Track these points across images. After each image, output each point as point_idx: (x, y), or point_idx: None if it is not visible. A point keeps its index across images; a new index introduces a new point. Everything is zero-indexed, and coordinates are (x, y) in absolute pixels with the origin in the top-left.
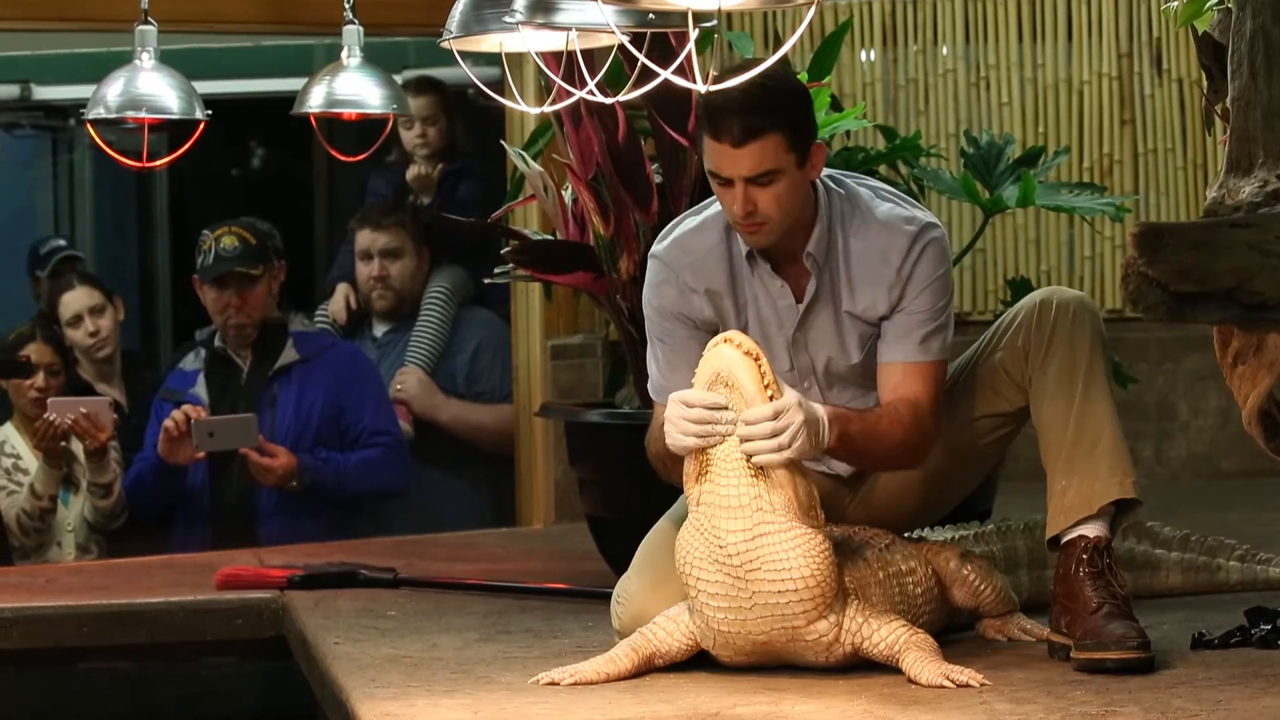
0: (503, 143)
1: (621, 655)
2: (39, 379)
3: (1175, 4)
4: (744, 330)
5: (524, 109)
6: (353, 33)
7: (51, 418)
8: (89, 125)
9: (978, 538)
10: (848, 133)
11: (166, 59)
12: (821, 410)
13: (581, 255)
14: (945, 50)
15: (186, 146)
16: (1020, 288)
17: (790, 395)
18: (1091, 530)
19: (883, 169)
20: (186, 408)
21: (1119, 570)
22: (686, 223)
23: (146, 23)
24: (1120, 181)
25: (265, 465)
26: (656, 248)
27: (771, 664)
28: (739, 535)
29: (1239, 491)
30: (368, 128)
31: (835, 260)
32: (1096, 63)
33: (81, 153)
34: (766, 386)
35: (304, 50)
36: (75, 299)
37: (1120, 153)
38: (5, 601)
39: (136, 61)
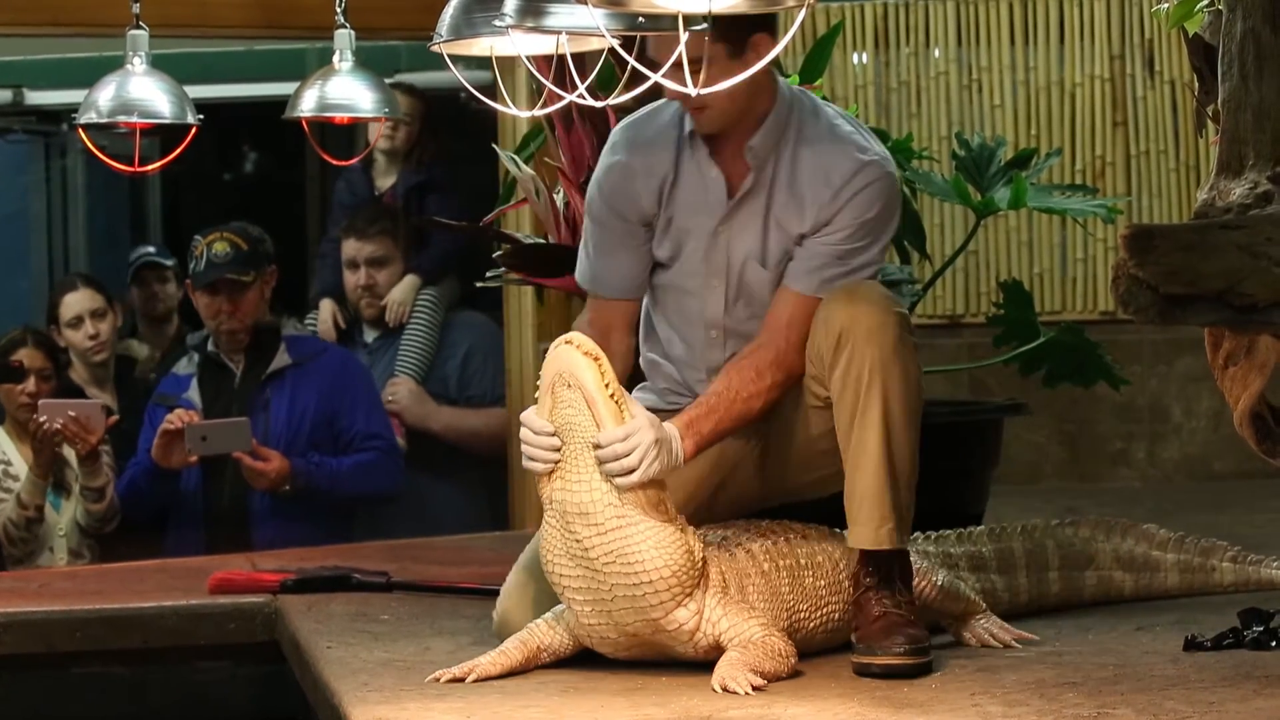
0: (494, 146)
1: (511, 649)
2: (30, 384)
3: (1166, 6)
4: (670, 210)
5: (515, 112)
6: (344, 37)
7: (41, 420)
8: (81, 130)
9: (964, 539)
10: None
11: (158, 63)
12: (673, 426)
13: (574, 259)
14: (937, 52)
15: (178, 151)
16: (1012, 290)
17: (640, 417)
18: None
19: None
20: (180, 411)
21: (906, 576)
22: (649, 105)
23: (138, 27)
24: (1112, 183)
25: (258, 469)
26: (615, 129)
27: (650, 657)
28: (591, 532)
29: (1232, 493)
30: (360, 131)
31: (780, 163)
32: (1088, 65)
33: (74, 158)
34: (608, 385)
35: (296, 54)
36: (77, 300)
37: (1112, 155)
38: None
39: (128, 66)
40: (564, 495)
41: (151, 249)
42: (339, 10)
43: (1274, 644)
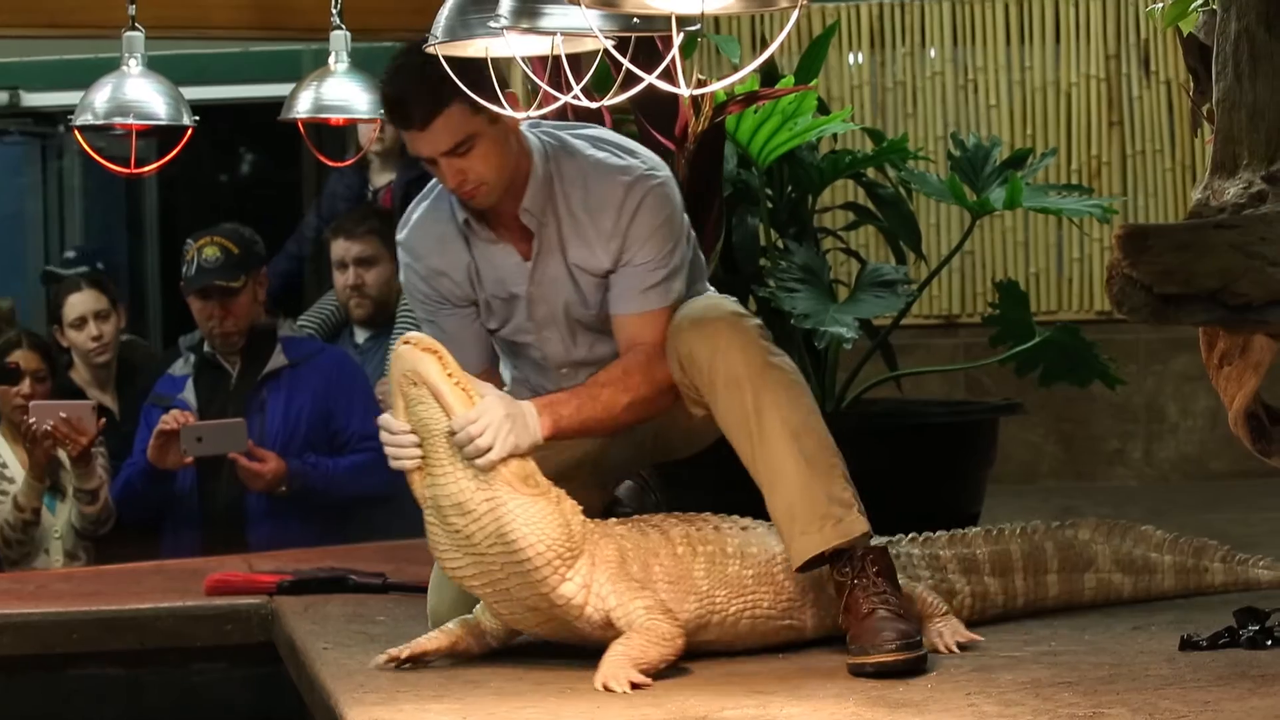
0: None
1: (452, 628)
2: (25, 385)
3: (1160, 6)
4: (483, 293)
5: (510, 114)
6: (340, 38)
7: (32, 421)
8: (77, 132)
9: (956, 540)
10: (835, 135)
11: (154, 65)
12: (529, 404)
13: None
14: (933, 53)
15: (174, 152)
16: (1008, 290)
17: (489, 397)
18: (843, 548)
19: (870, 172)
20: (175, 412)
21: (886, 569)
22: (421, 206)
23: (134, 29)
24: (1108, 183)
25: (254, 470)
26: (400, 235)
27: (563, 637)
28: (466, 520)
29: (1228, 492)
30: (356, 133)
31: (558, 213)
32: (1084, 65)
33: (70, 159)
34: (450, 374)
35: (291, 56)
36: (82, 301)
37: (1108, 154)
38: None
39: (124, 68)
40: (434, 490)
41: (72, 253)
42: (334, 12)
43: (1269, 643)
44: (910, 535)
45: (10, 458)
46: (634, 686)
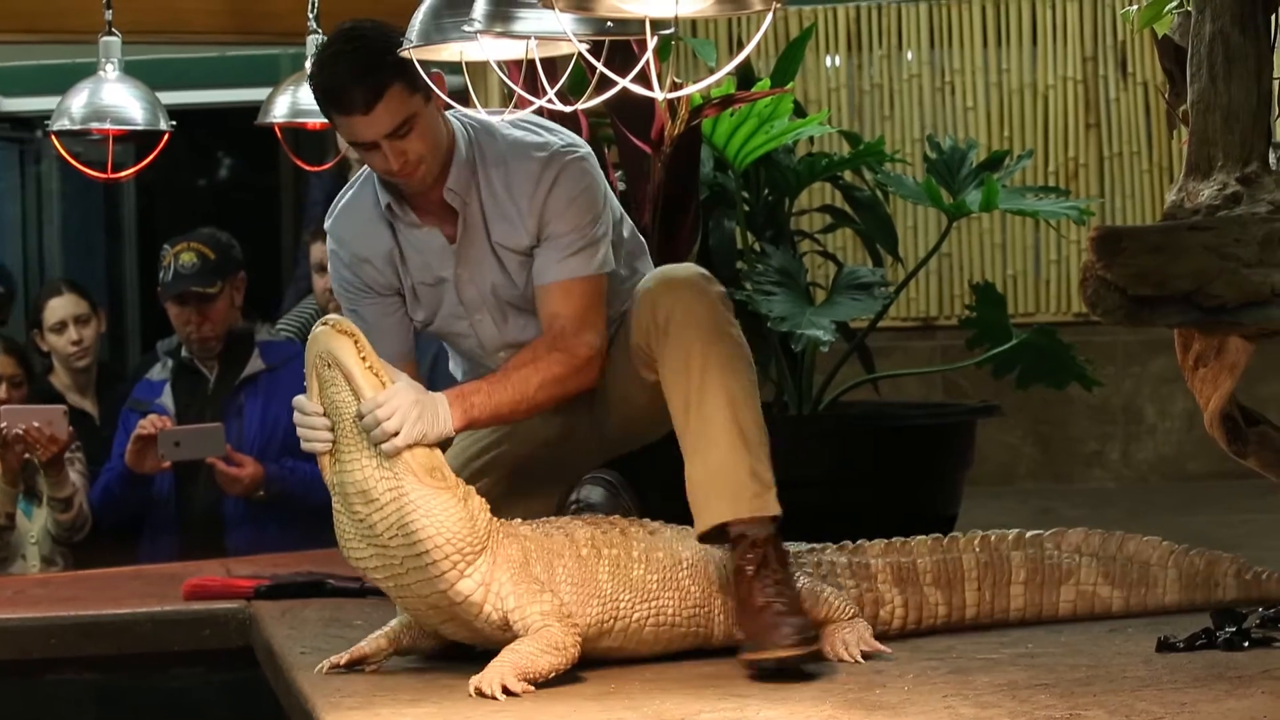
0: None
1: (392, 628)
2: (0, 390)
3: (1134, 8)
4: (409, 279)
5: (486, 118)
6: (317, 42)
7: (2, 426)
8: (54, 137)
9: (893, 550)
10: (811, 138)
11: (131, 70)
12: (440, 395)
13: None
14: (910, 55)
15: (151, 157)
16: (985, 292)
17: (398, 384)
18: (749, 529)
19: (847, 175)
20: (153, 417)
21: (786, 563)
22: (347, 194)
23: (111, 34)
24: (1086, 185)
25: (232, 475)
26: (326, 223)
27: (465, 638)
28: (370, 509)
29: (1206, 493)
30: (331, 137)
31: (480, 193)
32: (1061, 67)
33: (48, 164)
34: (364, 359)
35: (269, 60)
36: (62, 305)
37: (1085, 156)
38: None
39: (101, 73)
40: (340, 476)
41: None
42: (311, 16)
43: (1246, 644)
44: (842, 543)
45: None
46: (506, 692)
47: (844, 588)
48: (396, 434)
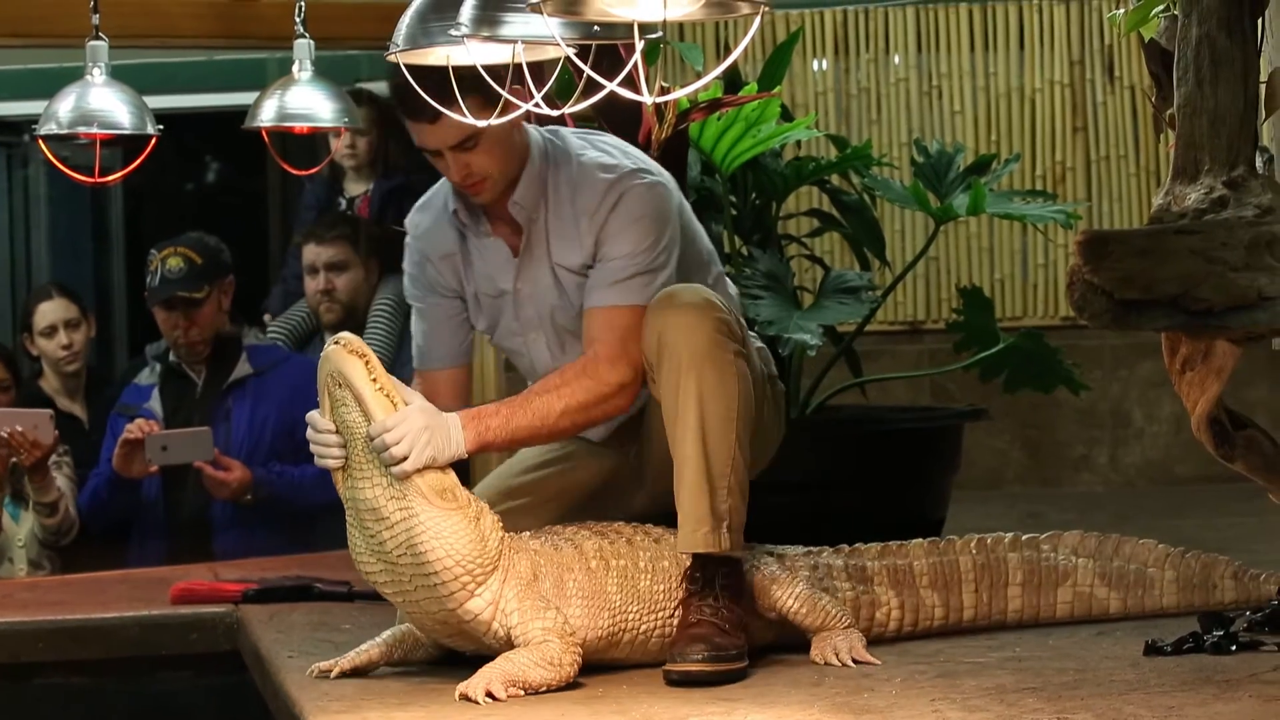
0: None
1: (385, 639)
2: None
3: (1121, 12)
4: (472, 286)
5: (473, 122)
6: (304, 46)
7: None
8: (41, 141)
9: (889, 552)
10: (799, 142)
11: (118, 74)
12: (454, 416)
13: None
14: (897, 59)
15: (139, 161)
16: (972, 296)
17: (412, 406)
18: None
19: (834, 178)
20: (140, 421)
21: (732, 585)
22: (423, 197)
23: (98, 38)
24: (1073, 189)
25: (220, 479)
26: (409, 215)
27: (470, 649)
28: (380, 526)
29: (1194, 497)
30: (321, 141)
31: (547, 210)
32: (1048, 71)
33: (35, 168)
34: (375, 380)
35: (256, 64)
36: (52, 310)
37: (1073, 160)
38: None
39: (88, 77)
40: (352, 494)
41: None
42: (298, 20)
43: (1233, 648)
44: (838, 546)
45: None
46: (490, 697)
47: (840, 590)
48: (405, 458)
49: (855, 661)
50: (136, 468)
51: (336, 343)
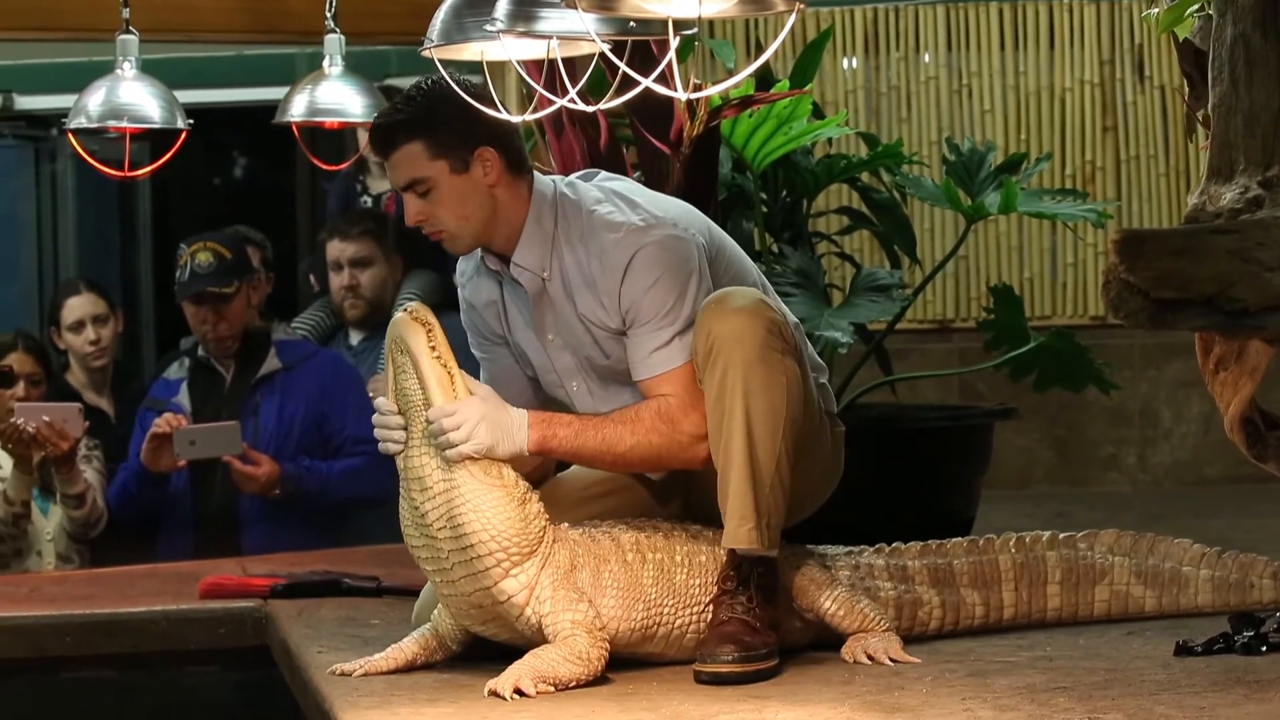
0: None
1: (407, 645)
2: (19, 389)
3: (1156, 11)
4: (509, 337)
5: (506, 117)
6: (334, 41)
7: (18, 421)
8: (71, 135)
9: (929, 551)
10: (830, 140)
11: (148, 68)
12: (521, 413)
13: None
14: (927, 58)
15: (168, 156)
16: (1003, 295)
17: (475, 395)
18: (737, 555)
19: (864, 176)
20: (168, 416)
21: (766, 585)
22: None
23: (128, 32)
24: (1103, 188)
25: (248, 474)
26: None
27: (505, 638)
28: (424, 497)
29: (1222, 498)
30: (348, 137)
31: (563, 264)
32: (1079, 70)
33: (64, 162)
34: (434, 349)
35: (286, 59)
36: (80, 304)
37: (1102, 159)
38: None
39: (118, 71)
40: (404, 463)
41: None
42: (329, 15)
43: (1264, 649)
44: (879, 545)
45: (5, 460)
46: (518, 693)
47: (882, 590)
48: (460, 444)
49: (892, 660)
50: (165, 462)
51: (404, 310)
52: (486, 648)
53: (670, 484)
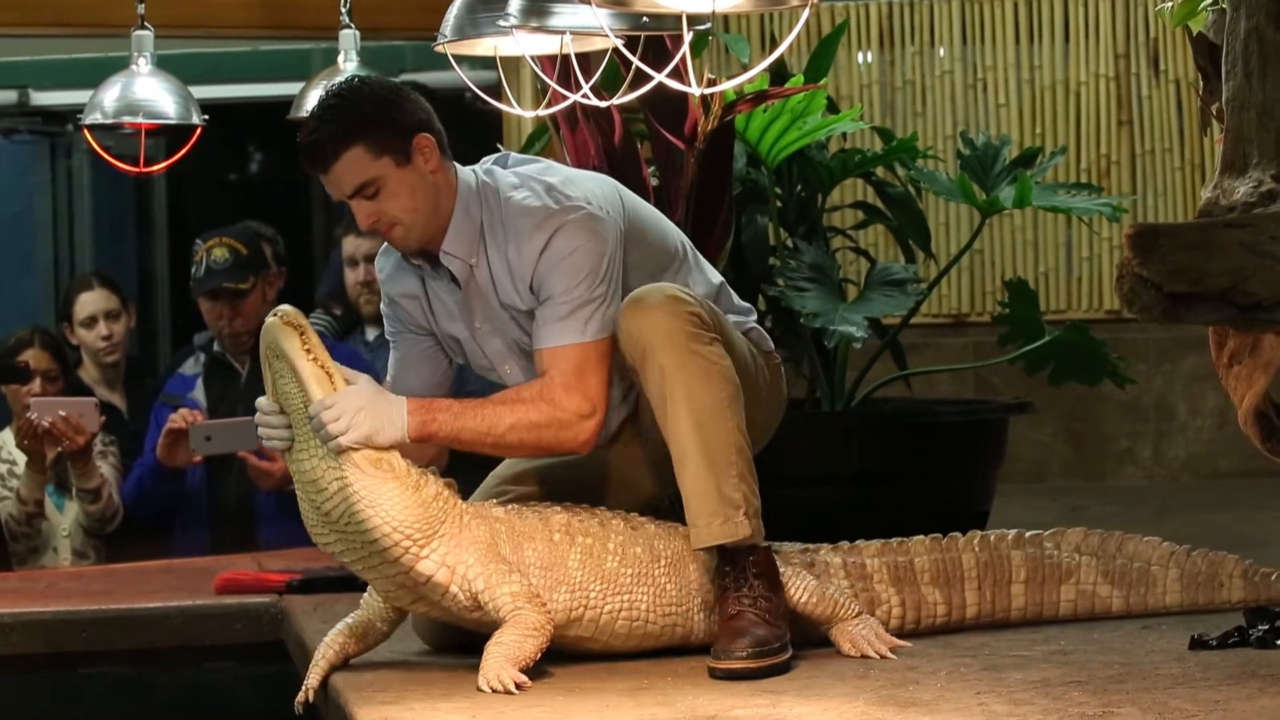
0: (499, 146)
1: (334, 638)
2: (36, 385)
3: (1170, 5)
4: (437, 327)
5: (520, 113)
6: (349, 37)
7: (32, 417)
8: (86, 130)
9: (889, 550)
10: (844, 135)
11: (163, 64)
12: (400, 400)
13: None
14: (942, 52)
15: (184, 151)
16: (1017, 289)
17: (354, 385)
18: (725, 548)
19: (879, 171)
20: (184, 411)
21: (766, 573)
22: (385, 241)
23: (143, 28)
24: (1118, 182)
25: (264, 469)
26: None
27: (439, 615)
28: (322, 498)
29: (1237, 491)
30: None
31: (487, 252)
32: (1093, 64)
33: (79, 158)
34: (309, 352)
35: (301, 54)
36: (92, 300)
37: (1118, 153)
38: (5, 606)
39: (133, 66)
40: (294, 466)
41: None
42: (344, 10)
43: (1279, 642)
44: (836, 544)
45: (20, 456)
46: (518, 687)
47: (839, 588)
48: (341, 435)
49: (886, 652)
50: (180, 457)
51: (275, 315)
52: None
53: (623, 436)
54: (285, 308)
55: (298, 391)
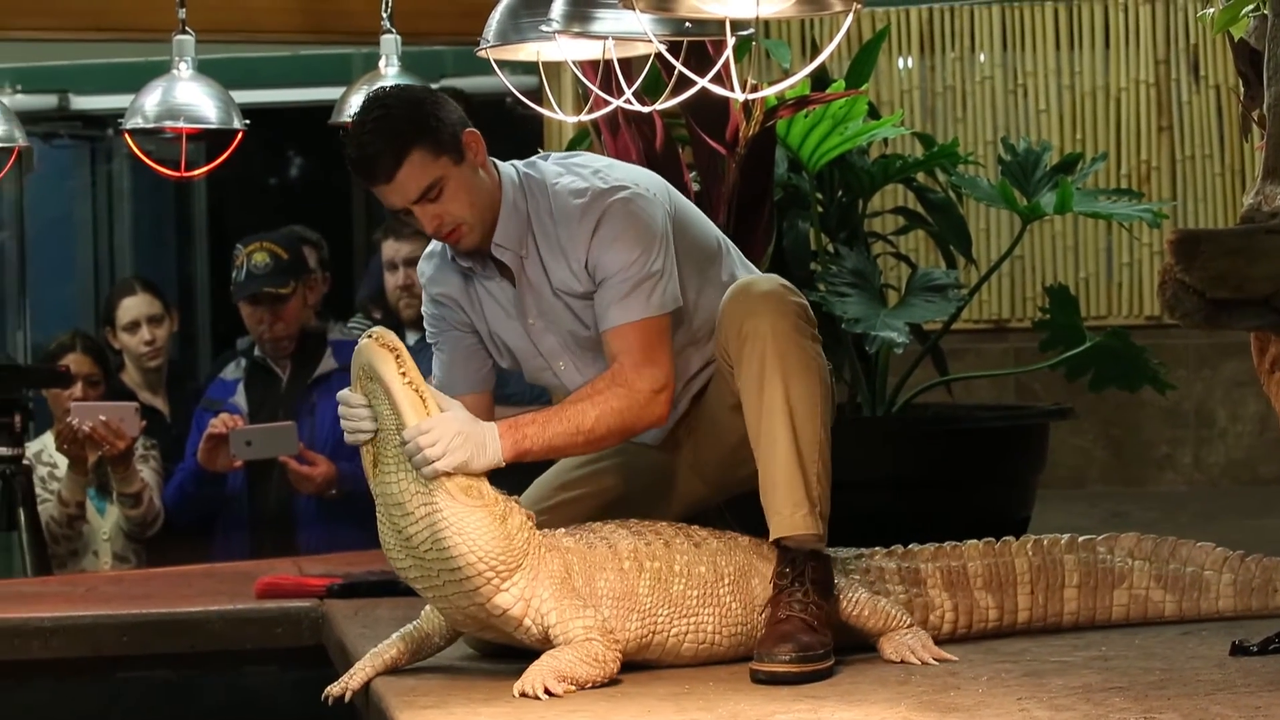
0: (540, 150)
1: (390, 645)
2: (77, 389)
3: (1211, 11)
4: (485, 327)
5: (562, 118)
6: (390, 42)
7: (73, 422)
8: (127, 135)
9: (943, 554)
10: (885, 140)
11: (204, 68)
12: (491, 426)
13: None
14: (983, 57)
15: (225, 156)
16: (1058, 295)
17: (447, 412)
18: (791, 544)
19: (920, 176)
20: (224, 416)
21: (821, 580)
22: (428, 246)
23: (184, 32)
24: (1158, 188)
25: (305, 474)
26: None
27: (502, 641)
28: (406, 521)
29: (1277, 497)
30: None
31: (536, 242)
32: (1134, 70)
33: (120, 163)
34: (405, 374)
35: (342, 59)
36: (135, 305)
37: (1158, 159)
38: (46, 610)
39: (174, 71)
40: (380, 488)
41: None
42: (385, 15)
43: None
44: (892, 548)
45: (62, 459)
46: (548, 693)
47: (893, 593)
48: (436, 461)
49: (935, 660)
50: (221, 462)
51: (370, 336)
52: (532, 648)
53: (676, 435)
54: (380, 329)
55: (390, 414)
